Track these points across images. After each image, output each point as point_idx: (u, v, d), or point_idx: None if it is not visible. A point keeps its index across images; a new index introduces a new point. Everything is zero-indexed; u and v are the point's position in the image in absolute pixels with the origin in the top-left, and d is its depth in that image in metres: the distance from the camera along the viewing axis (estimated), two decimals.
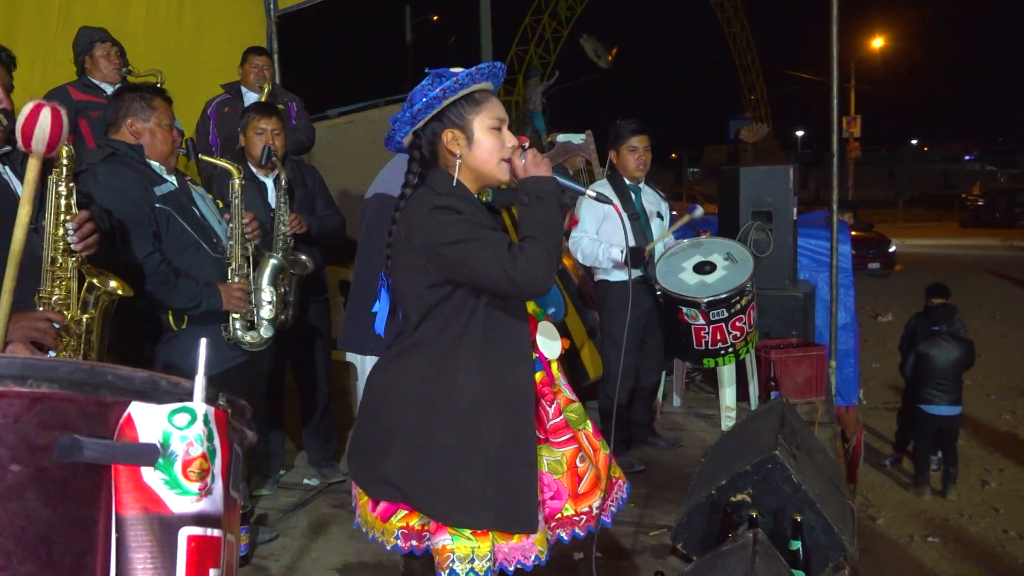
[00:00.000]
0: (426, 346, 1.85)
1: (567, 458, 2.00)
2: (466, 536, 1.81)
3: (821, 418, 4.29)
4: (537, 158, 1.85)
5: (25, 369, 0.78)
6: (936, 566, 5.37)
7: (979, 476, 6.67)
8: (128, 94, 2.73)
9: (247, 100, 4.29)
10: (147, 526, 0.81)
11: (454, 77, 1.80)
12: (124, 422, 0.82)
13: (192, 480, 0.83)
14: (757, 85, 36.42)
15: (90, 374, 0.82)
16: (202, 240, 2.70)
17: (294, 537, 3.11)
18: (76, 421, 0.80)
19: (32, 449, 0.77)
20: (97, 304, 2.13)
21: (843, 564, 2.57)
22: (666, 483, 3.56)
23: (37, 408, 0.78)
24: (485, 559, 1.81)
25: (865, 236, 15.90)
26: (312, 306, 3.58)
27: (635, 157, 3.80)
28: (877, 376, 9.15)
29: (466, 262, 1.75)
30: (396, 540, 1.92)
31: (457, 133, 1.85)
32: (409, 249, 1.83)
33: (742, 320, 3.86)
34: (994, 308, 12.61)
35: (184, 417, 0.84)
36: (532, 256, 1.71)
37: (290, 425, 3.83)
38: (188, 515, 0.83)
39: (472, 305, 1.83)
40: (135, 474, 0.81)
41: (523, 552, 1.86)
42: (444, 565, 1.82)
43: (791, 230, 4.95)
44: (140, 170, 2.64)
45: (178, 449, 0.83)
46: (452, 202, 1.80)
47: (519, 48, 26.90)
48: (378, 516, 1.94)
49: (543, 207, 1.79)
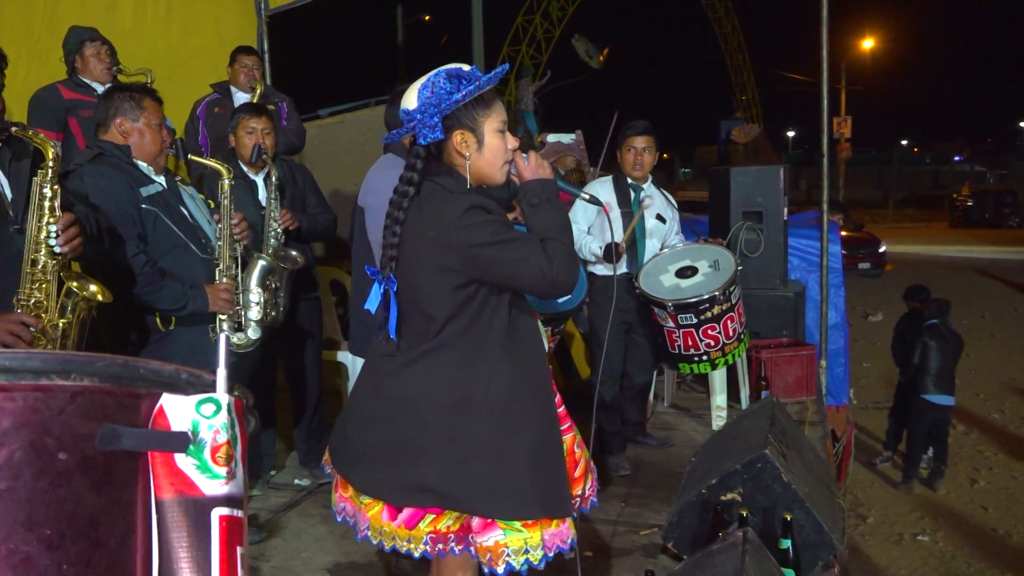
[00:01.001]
0: (451, 347, 1.84)
1: (567, 445, 2.04)
2: (516, 528, 1.83)
3: (811, 417, 4.30)
4: (539, 160, 1.88)
5: (66, 363, 0.83)
6: (925, 564, 5.40)
7: (968, 475, 6.71)
8: (118, 94, 2.71)
9: (236, 100, 4.27)
10: (183, 508, 0.87)
11: (477, 82, 1.80)
12: (157, 412, 0.88)
13: (220, 464, 0.89)
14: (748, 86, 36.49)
15: (124, 368, 0.88)
16: (190, 241, 2.69)
17: (285, 538, 3.10)
18: (113, 412, 0.85)
19: (76, 438, 0.82)
20: (75, 309, 2.11)
21: (833, 563, 2.58)
22: (657, 482, 3.57)
23: (79, 400, 0.83)
24: (538, 548, 1.84)
25: (855, 236, 15.97)
26: (303, 305, 3.57)
27: (631, 156, 3.82)
28: (867, 375, 9.20)
29: (502, 263, 1.77)
30: (424, 546, 1.89)
31: (468, 135, 1.84)
32: (441, 249, 1.79)
33: (715, 329, 3.82)
34: (983, 308, 12.69)
35: (210, 407, 0.90)
36: (562, 256, 1.78)
37: (281, 425, 3.83)
38: (219, 497, 0.90)
39: (495, 303, 1.85)
40: (169, 460, 0.88)
41: (561, 537, 1.89)
42: (498, 561, 1.82)
43: (781, 230, 4.96)
44: (127, 171, 2.62)
45: (206, 436, 0.89)
46: (483, 202, 1.80)
47: (511, 48, 26.89)
48: (401, 524, 1.89)
49: (554, 209, 1.85)
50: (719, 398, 4.26)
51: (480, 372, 1.83)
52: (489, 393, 1.83)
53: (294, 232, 3.41)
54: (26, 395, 0.80)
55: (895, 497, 6.47)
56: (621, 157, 3.89)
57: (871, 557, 5.51)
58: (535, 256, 1.76)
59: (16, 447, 0.78)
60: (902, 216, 32.30)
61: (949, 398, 6.48)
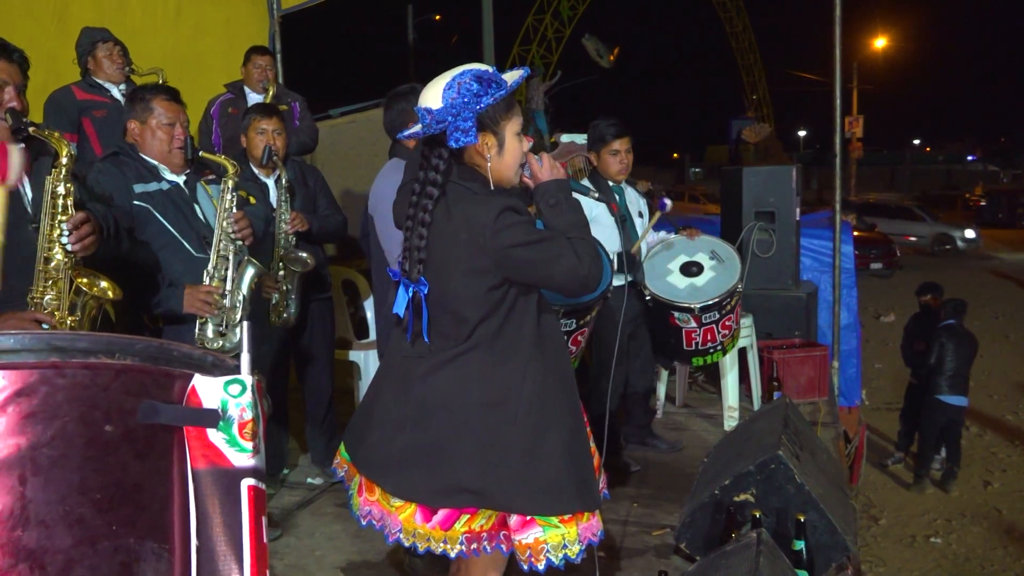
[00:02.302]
0: (484, 347, 1.85)
1: None
2: (554, 524, 1.85)
3: (824, 418, 4.29)
4: (552, 161, 1.91)
5: (111, 344, 0.93)
6: (938, 566, 5.37)
7: (982, 476, 6.67)
8: (134, 95, 2.74)
9: (250, 100, 4.29)
10: (216, 478, 0.96)
11: (504, 85, 1.80)
12: (190, 391, 0.96)
13: (247, 439, 0.98)
14: (759, 85, 36.40)
15: (160, 350, 0.97)
16: (186, 239, 2.63)
17: (298, 536, 3.11)
18: (151, 389, 0.94)
19: (121, 412, 0.90)
20: (85, 308, 2.12)
21: (846, 564, 2.57)
22: (669, 483, 3.57)
23: (122, 378, 0.91)
24: (575, 543, 1.87)
25: (868, 236, 15.91)
26: (315, 305, 3.58)
27: (617, 160, 3.65)
28: (879, 376, 9.15)
29: (537, 264, 1.80)
30: (460, 546, 1.89)
31: (490, 138, 1.84)
32: (475, 251, 1.79)
33: (731, 319, 3.84)
34: (997, 309, 12.60)
35: (237, 387, 0.98)
36: (590, 253, 1.82)
37: (293, 424, 3.84)
38: (247, 468, 0.98)
39: (524, 302, 1.88)
40: (202, 434, 0.96)
41: (592, 530, 1.92)
42: (539, 558, 1.84)
43: (794, 230, 4.95)
44: (132, 168, 2.63)
45: (234, 414, 0.97)
46: (515, 203, 1.82)
47: (521, 48, 26.92)
48: (437, 526, 1.89)
49: (572, 208, 1.88)
50: (731, 399, 4.25)
51: (513, 371, 1.86)
52: (523, 392, 1.85)
53: (305, 233, 3.42)
54: (76, 372, 0.88)
55: (908, 499, 6.44)
56: (602, 161, 3.67)
57: (883, 559, 5.48)
58: (567, 255, 1.79)
59: (68, 419, 0.87)
60: None
61: (963, 399, 6.44)
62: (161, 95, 2.68)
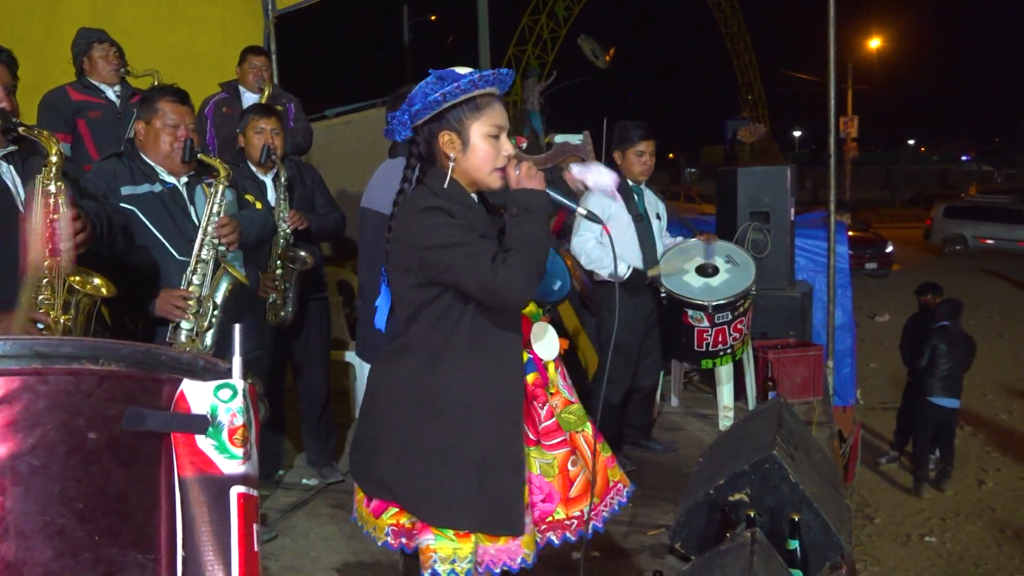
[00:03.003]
0: (415, 348, 1.86)
1: (559, 461, 1.99)
2: (449, 537, 1.83)
3: (818, 418, 4.30)
4: (531, 171, 1.83)
5: (95, 350, 0.90)
6: (933, 565, 5.39)
7: (976, 475, 6.69)
8: (144, 96, 2.73)
9: (245, 100, 4.28)
10: (204, 485, 0.94)
11: (456, 83, 1.78)
12: (178, 397, 0.94)
13: (237, 446, 0.96)
14: (755, 85, 36.47)
15: (147, 355, 0.94)
16: (170, 243, 2.60)
17: (293, 537, 3.11)
18: (138, 395, 0.92)
19: (105, 419, 0.88)
20: (79, 306, 2.12)
21: (840, 563, 2.58)
22: (664, 482, 3.57)
23: (106, 384, 0.89)
24: (466, 560, 1.83)
25: (862, 236, 15.92)
26: (311, 305, 3.58)
27: (641, 162, 3.76)
28: (874, 376, 9.17)
29: (449, 267, 1.75)
30: (387, 537, 1.95)
31: (453, 136, 1.83)
32: (403, 248, 1.83)
33: (742, 322, 3.89)
34: (991, 308, 12.64)
35: (227, 392, 0.96)
36: (513, 269, 1.70)
37: (289, 425, 3.84)
38: (236, 476, 0.96)
39: (461, 307, 1.82)
40: (191, 441, 0.94)
41: (509, 554, 1.87)
42: (427, 564, 1.84)
43: (789, 230, 4.96)
44: (129, 169, 2.62)
45: (224, 419, 0.95)
46: (445, 204, 1.79)
47: (517, 48, 26.92)
48: (371, 512, 1.97)
49: (531, 220, 1.78)
50: (726, 398, 4.26)
51: (438, 375, 1.83)
52: (443, 398, 1.83)
53: (303, 232, 3.42)
54: (59, 379, 0.86)
55: (902, 498, 6.45)
56: (626, 161, 3.79)
57: (878, 558, 5.50)
58: (479, 264, 1.72)
59: (50, 427, 0.85)
60: (909, 216, 32.22)
61: (955, 401, 6.42)
62: (168, 96, 2.66)
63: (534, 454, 1.98)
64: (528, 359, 1.98)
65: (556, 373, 2.06)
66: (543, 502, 1.97)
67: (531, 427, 1.97)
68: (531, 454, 1.97)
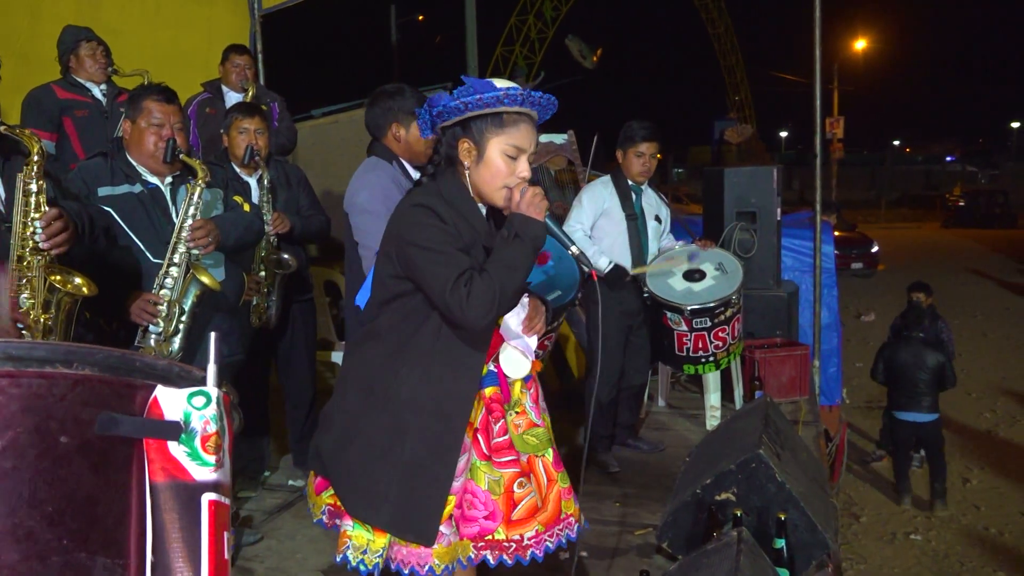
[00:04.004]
0: (381, 338, 1.89)
1: (505, 480, 1.95)
2: (366, 528, 1.87)
3: (805, 417, 4.31)
4: (535, 199, 1.82)
5: (69, 354, 0.90)
6: (918, 563, 5.42)
7: (960, 474, 6.72)
8: (132, 95, 2.69)
9: (228, 100, 4.26)
10: (175, 492, 0.94)
11: (480, 95, 1.81)
12: (152, 403, 0.94)
13: (210, 453, 0.95)
14: (741, 86, 36.61)
15: (121, 360, 0.94)
16: (146, 244, 2.57)
17: (279, 539, 3.09)
18: (111, 400, 0.91)
19: (77, 423, 0.88)
20: (60, 305, 2.10)
21: (826, 562, 2.59)
22: (651, 482, 3.58)
23: (79, 388, 0.89)
24: (376, 554, 1.86)
25: (848, 236, 16.02)
26: (297, 306, 3.56)
27: (641, 163, 3.77)
28: (860, 375, 9.22)
29: (419, 269, 1.78)
30: (322, 515, 2.00)
31: (471, 146, 1.85)
32: (390, 235, 1.88)
33: (725, 331, 3.87)
34: (975, 307, 12.73)
35: (201, 399, 0.96)
36: (477, 290, 1.71)
37: (274, 426, 3.81)
38: (208, 483, 0.96)
39: (429, 309, 1.84)
40: (163, 447, 0.94)
41: (418, 559, 1.87)
42: (340, 548, 1.89)
43: (775, 230, 4.98)
44: (115, 168, 2.59)
45: (197, 426, 0.95)
46: (441, 207, 1.81)
47: (505, 48, 26.90)
48: (315, 488, 2.02)
49: (518, 247, 1.78)
50: (713, 398, 4.27)
51: (393, 369, 1.86)
52: (393, 392, 1.85)
53: (287, 234, 3.40)
54: (31, 382, 0.86)
55: (887, 497, 6.49)
56: (627, 160, 3.79)
57: (864, 556, 5.52)
58: (444, 276, 1.72)
59: (21, 430, 0.85)
60: (894, 216, 32.45)
61: (926, 415, 5.95)
62: (154, 95, 2.62)
63: (484, 468, 1.94)
64: (490, 372, 1.95)
65: (525, 393, 2.01)
66: (485, 519, 1.93)
67: (485, 440, 1.94)
68: (481, 468, 1.93)
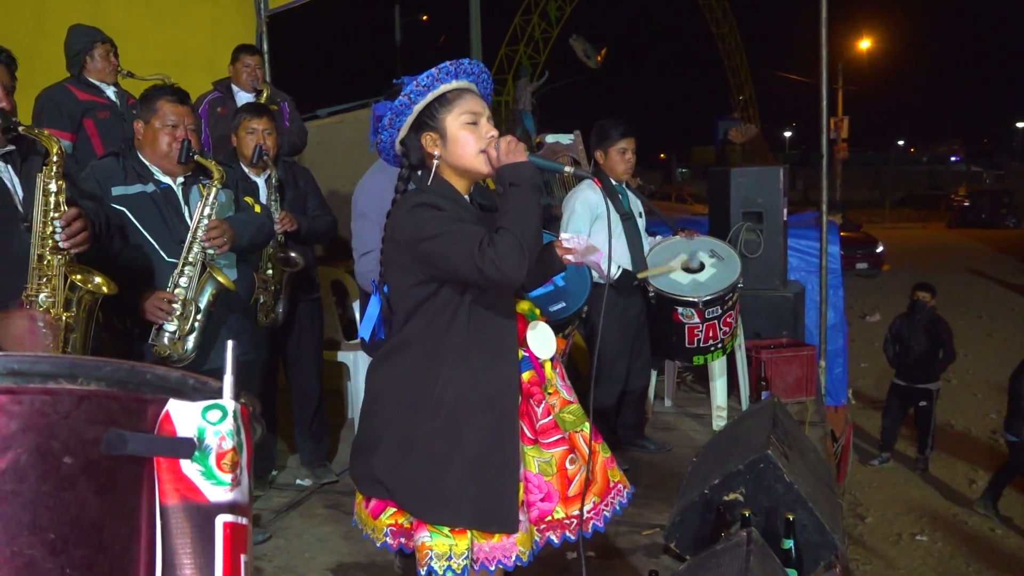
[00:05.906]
0: (411, 345, 1.88)
1: (556, 460, 1.99)
2: (444, 534, 1.84)
3: (811, 417, 4.31)
4: (511, 145, 1.84)
5: (74, 368, 0.83)
6: (924, 564, 5.42)
7: (966, 475, 6.72)
8: (144, 96, 2.71)
9: (239, 99, 4.26)
10: (187, 514, 0.87)
11: (414, 81, 1.83)
12: (163, 418, 0.88)
13: (225, 471, 0.88)
14: (745, 86, 36.53)
15: (131, 373, 0.87)
16: (159, 243, 2.57)
17: (287, 538, 3.10)
18: (119, 417, 0.85)
19: (82, 443, 0.81)
20: (80, 303, 2.11)
21: (834, 562, 2.59)
22: (659, 482, 3.57)
23: (85, 404, 0.82)
24: (462, 557, 1.84)
25: (853, 236, 16.01)
26: (304, 306, 3.57)
27: (624, 159, 3.75)
28: (865, 376, 9.21)
29: (441, 256, 1.77)
30: (386, 537, 1.96)
31: (433, 135, 1.87)
32: (396, 248, 1.86)
33: (732, 316, 3.90)
34: (980, 308, 12.71)
35: (216, 413, 0.89)
36: (501, 248, 1.71)
37: (282, 425, 3.82)
38: (223, 503, 0.88)
39: (456, 303, 1.84)
40: (175, 466, 0.87)
41: (504, 552, 1.88)
42: (423, 562, 1.85)
43: (781, 231, 4.97)
44: (123, 169, 2.60)
45: (212, 443, 0.88)
46: (433, 199, 1.83)
47: (509, 48, 26.88)
48: (370, 513, 1.98)
49: (519, 194, 1.79)
50: (720, 398, 4.27)
51: (434, 373, 1.85)
52: (439, 395, 1.84)
53: (294, 234, 3.41)
54: (33, 398, 0.80)
55: (894, 497, 6.48)
56: (609, 160, 3.75)
57: (870, 557, 5.52)
58: (467, 247, 1.72)
59: (22, 450, 0.78)
60: (899, 216, 32.39)
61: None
62: (167, 96, 2.63)
63: (532, 452, 1.97)
64: (524, 357, 1.98)
65: (554, 373, 2.06)
66: (542, 501, 1.97)
67: (528, 425, 1.97)
68: (529, 452, 1.97)
